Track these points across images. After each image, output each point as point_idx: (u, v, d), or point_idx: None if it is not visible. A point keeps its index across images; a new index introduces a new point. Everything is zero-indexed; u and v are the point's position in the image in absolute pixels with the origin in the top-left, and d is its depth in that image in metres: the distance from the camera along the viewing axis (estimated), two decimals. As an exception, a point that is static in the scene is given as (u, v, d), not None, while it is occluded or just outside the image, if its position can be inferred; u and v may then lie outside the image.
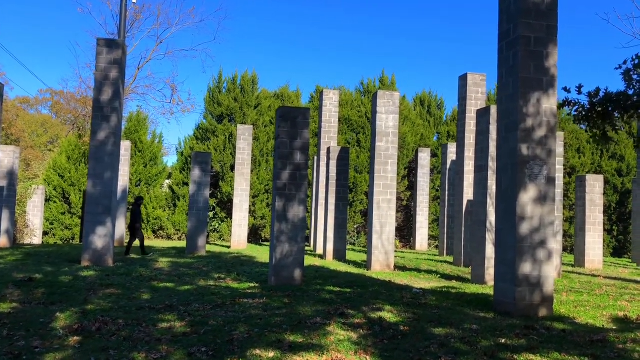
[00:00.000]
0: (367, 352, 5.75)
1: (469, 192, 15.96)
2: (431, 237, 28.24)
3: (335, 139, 21.49)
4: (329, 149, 17.78)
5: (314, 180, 22.29)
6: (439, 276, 13.31)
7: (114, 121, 13.60)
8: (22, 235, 23.60)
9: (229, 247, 22.53)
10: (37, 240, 24.08)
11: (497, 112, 8.87)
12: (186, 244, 17.78)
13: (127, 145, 21.87)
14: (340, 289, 10.24)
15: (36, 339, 5.94)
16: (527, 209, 8.05)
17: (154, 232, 27.63)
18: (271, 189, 21.45)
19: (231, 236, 22.30)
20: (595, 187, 18.09)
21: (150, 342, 5.90)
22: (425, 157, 26.61)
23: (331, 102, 21.51)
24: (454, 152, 20.77)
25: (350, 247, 25.32)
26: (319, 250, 20.37)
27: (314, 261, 16.33)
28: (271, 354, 5.58)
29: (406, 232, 29.45)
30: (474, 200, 12.94)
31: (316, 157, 22.02)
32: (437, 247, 26.37)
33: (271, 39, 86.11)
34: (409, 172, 29.88)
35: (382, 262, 14.46)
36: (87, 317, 7.12)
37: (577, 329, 7.07)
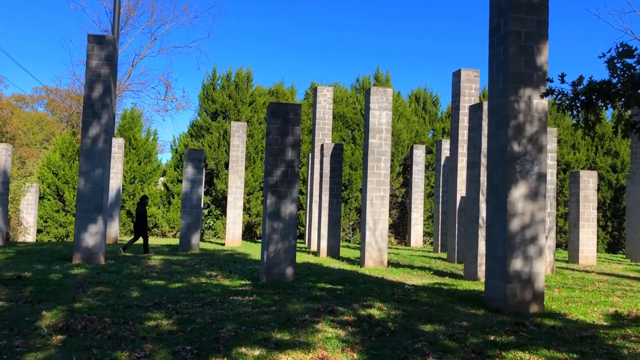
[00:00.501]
0: (354, 349, 5.70)
1: (463, 189, 15.92)
2: (426, 234, 28.22)
3: (329, 136, 21.43)
4: (322, 146, 17.72)
5: (309, 177, 22.22)
6: (432, 273, 13.28)
7: (105, 118, 13.50)
8: (15, 233, 23.48)
9: (224, 244, 22.46)
10: (30, 238, 23.96)
11: (487, 107, 8.82)
12: (179, 241, 17.71)
13: (120, 142, 21.76)
14: (331, 285, 10.19)
15: (19, 338, 5.87)
16: (518, 205, 8.00)
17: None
18: (265, 186, 21.38)
19: (225, 233, 22.23)
20: (589, 183, 18.07)
21: (135, 341, 5.84)
22: (420, 154, 26.56)
23: (325, 99, 21.44)
24: (448, 148, 20.72)
25: (345, 244, 25.29)
26: (313, 247, 20.32)
27: (307, 258, 16.29)
28: (257, 352, 5.53)
29: (401, 228, 29.42)
30: (466, 196, 12.89)
31: (310, 154, 21.96)
32: (431, 243, 26.34)
33: (266, 36, 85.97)
34: (404, 169, 29.84)
35: (375, 258, 14.42)
36: (73, 315, 7.05)
37: (567, 326, 7.04)
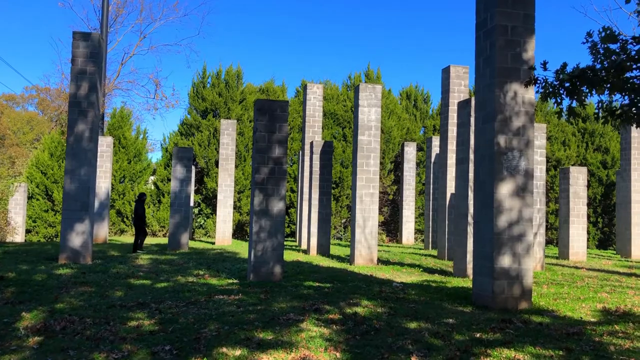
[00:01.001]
0: (337, 348, 5.61)
1: (453, 186, 15.87)
2: (418, 231, 28.18)
3: (319, 133, 21.32)
4: (312, 143, 17.62)
5: (299, 174, 22.11)
6: (422, 270, 13.22)
7: (91, 116, 13.33)
8: (3, 233, 23.24)
9: (214, 243, 22.32)
10: (19, 238, 23.73)
11: (474, 102, 8.75)
12: (168, 240, 17.56)
13: (109, 141, 21.56)
14: (319, 284, 10.10)
15: (-5, 339, 5.74)
16: (505, 201, 7.94)
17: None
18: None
19: (216, 232, 22.09)
20: (579, 180, 18.06)
21: (114, 342, 5.72)
22: (411, 151, 26.51)
23: (315, 96, 21.33)
24: (438, 145, 20.66)
25: (336, 242, 25.21)
26: (304, 245, 20.22)
27: (297, 256, 16.19)
28: (238, 352, 5.42)
29: (393, 226, 29.37)
30: (455, 192, 12.83)
31: (301, 152, 21.85)
32: (423, 241, 26.31)
33: (257, 34, 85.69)
34: (396, 166, 29.78)
35: (365, 256, 14.34)
36: (53, 316, 6.92)
37: (554, 322, 6.98)
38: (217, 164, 27.32)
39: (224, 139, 21.76)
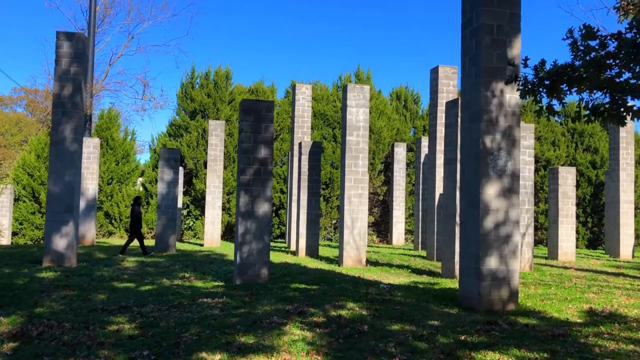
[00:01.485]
0: (319, 352, 5.51)
1: (441, 186, 15.81)
2: (408, 232, 28.13)
3: (308, 134, 21.23)
4: (301, 144, 17.52)
5: (289, 175, 22.00)
6: (410, 271, 13.15)
7: (75, 117, 13.16)
8: (-11, 236, 22.96)
9: (203, 245, 22.15)
10: (5, 240, 23.44)
11: (461, 102, 8.68)
12: (155, 242, 17.39)
13: (96, 142, 21.34)
14: (306, 286, 9.99)
15: (-32, 346, 5.60)
16: (491, 202, 7.87)
17: (126, 230, 27.09)
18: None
19: (204, 234, 21.93)
20: (567, 179, 18.07)
21: (91, 347, 5.59)
22: (401, 152, 26.49)
23: (304, 97, 21.24)
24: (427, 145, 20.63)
25: (326, 243, 25.11)
26: (293, 246, 20.10)
27: (286, 258, 16.07)
28: (217, 357, 5.31)
29: (383, 227, 29.30)
30: (444, 193, 12.78)
31: (290, 153, 21.74)
32: (413, 241, 26.27)
33: (247, 34, 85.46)
34: (386, 167, 29.73)
35: (353, 257, 14.26)
36: (32, 321, 6.78)
37: (540, 324, 6.92)
38: (205, 165, 27.12)
39: (212, 140, 21.61)
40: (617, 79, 3.95)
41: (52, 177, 13.00)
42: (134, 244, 18.76)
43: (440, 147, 16.22)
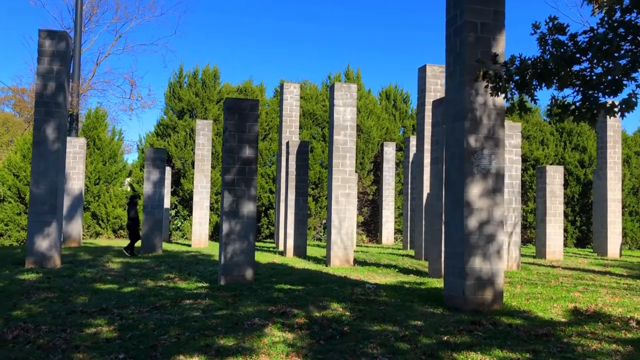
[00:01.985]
0: (299, 354, 5.43)
1: (429, 185, 15.76)
2: (397, 231, 28.11)
3: (296, 133, 21.13)
4: (288, 143, 17.41)
5: (277, 175, 21.89)
6: (397, 270, 13.09)
7: (58, 116, 12.98)
8: (-26, 237, 22.68)
9: (190, 245, 21.98)
10: (-10, 242, 23.18)
11: (446, 101, 8.62)
12: (141, 243, 17.23)
13: (82, 142, 21.12)
14: (291, 286, 9.90)
15: (-61, 350, 5.46)
16: (475, 201, 7.82)
17: (114, 231, 26.89)
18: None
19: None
20: (555, 178, 18.09)
21: (66, 350, 5.47)
22: (390, 151, 26.46)
23: (292, 96, 21.13)
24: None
25: (315, 243, 25.02)
26: (282, 247, 19.99)
27: (273, 258, 15.96)
28: (195, 360, 5.21)
29: (373, 226, 29.27)
30: (430, 192, 12.73)
31: (279, 152, 21.63)
32: (402, 241, 26.24)
33: (236, 33, 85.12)
34: (375, 167, 29.69)
35: (341, 257, 14.18)
36: (8, 324, 6.64)
37: (524, 323, 6.87)
38: (193, 165, 26.95)
39: (199, 139, 21.45)
40: (588, 75, 3.88)
41: (34, 177, 12.82)
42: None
43: (428, 146, 16.18)
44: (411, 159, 21.96)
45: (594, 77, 3.80)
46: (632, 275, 12.91)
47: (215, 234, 27.23)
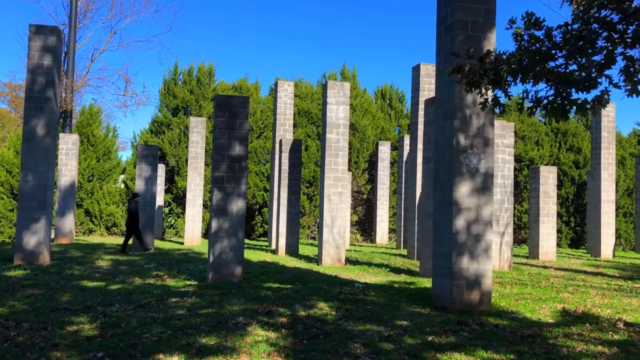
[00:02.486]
0: (281, 354, 5.35)
1: (422, 185, 15.70)
2: (392, 231, 28.05)
3: (290, 131, 21.05)
4: (281, 141, 17.33)
5: (271, 173, 21.81)
6: (389, 270, 13.03)
7: (47, 112, 12.88)
8: (-35, 233, 22.53)
9: (183, 243, 21.89)
10: (-18, 238, 23.04)
11: (436, 100, 8.56)
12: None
13: (74, 138, 21.01)
14: (280, 285, 9.83)
15: None
16: (464, 200, 7.76)
17: (107, 228, 26.77)
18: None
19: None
20: (548, 179, 18.06)
21: (44, 348, 5.39)
22: (385, 150, 26.40)
23: (286, 94, 21.05)
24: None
25: (309, 242, 24.95)
26: (274, 245, 19.91)
27: (265, 256, 15.88)
28: (175, 359, 5.13)
29: (367, 225, 29.20)
30: (422, 191, 12.67)
31: (272, 150, 21.55)
32: (396, 240, 26.19)
33: (231, 31, 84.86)
34: (370, 166, 29.63)
35: (332, 256, 14.11)
36: (-11, 321, 6.55)
37: (511, 324, 6.81)
38: (187, 162, 26.84)
39: (193, 137, 21.36)
40: (561, 70, 3.82)
41: (24, 173, 12.73)
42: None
43: (421, 145, 16.11)
44: (405, 159, 21.90)
45: (568, 73, 3.74)
46: (623, 276, 12.88)
47: (208, 231, 27.11)
